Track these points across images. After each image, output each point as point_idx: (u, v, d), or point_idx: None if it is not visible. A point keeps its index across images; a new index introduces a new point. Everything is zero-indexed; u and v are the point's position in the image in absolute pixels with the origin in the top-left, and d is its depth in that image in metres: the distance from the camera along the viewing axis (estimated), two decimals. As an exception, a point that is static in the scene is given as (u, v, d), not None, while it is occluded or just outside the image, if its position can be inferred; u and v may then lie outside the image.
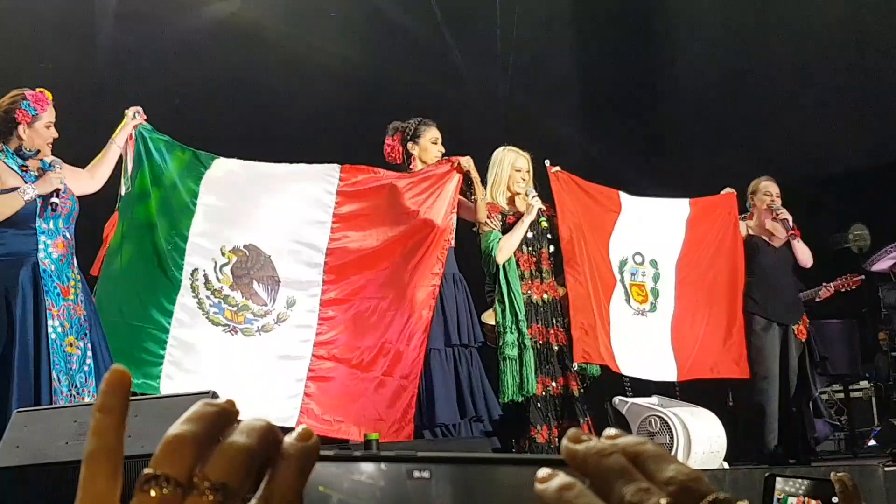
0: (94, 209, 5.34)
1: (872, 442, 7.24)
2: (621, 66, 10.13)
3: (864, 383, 9.06)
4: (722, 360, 6.53)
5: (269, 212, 5.55)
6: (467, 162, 5.75)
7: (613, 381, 6.28)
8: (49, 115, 4.92)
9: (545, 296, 5.98)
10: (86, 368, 4.82)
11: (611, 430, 0.59)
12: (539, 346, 5.88)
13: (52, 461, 3.45)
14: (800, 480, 1.98)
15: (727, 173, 7.43)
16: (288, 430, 0.58)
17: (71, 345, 4.77)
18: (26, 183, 4.78)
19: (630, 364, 6.25)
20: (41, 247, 4.77)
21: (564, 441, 0.58)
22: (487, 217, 5.92)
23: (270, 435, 0.56)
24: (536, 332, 5.88)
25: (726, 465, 5.91)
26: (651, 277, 6.50)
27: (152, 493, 0.53)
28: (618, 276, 6.37)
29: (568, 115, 10.32)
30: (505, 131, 8.08)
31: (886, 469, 5.46)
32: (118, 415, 0.56)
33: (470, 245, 6.04)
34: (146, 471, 0.53)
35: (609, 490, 0.55)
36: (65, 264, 4.84)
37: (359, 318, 5.54)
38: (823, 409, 7.14)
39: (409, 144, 5.87)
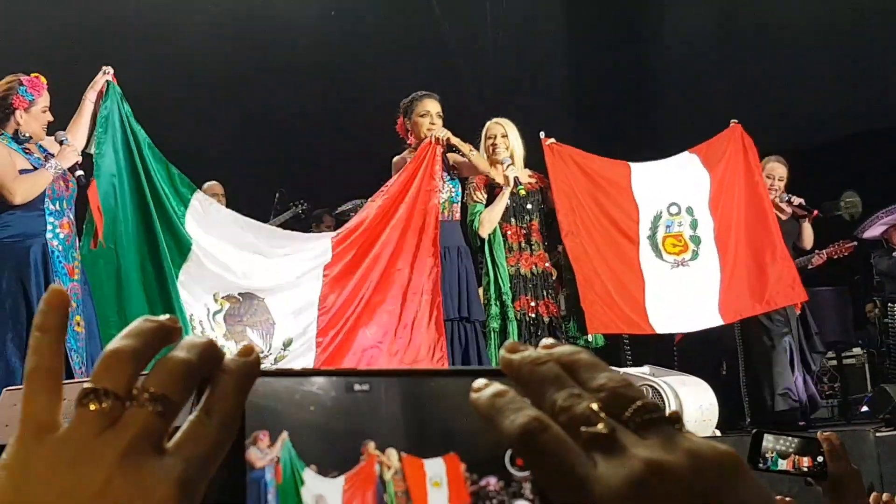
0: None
1: (865, 408, 7.27)
2: (610, 38, 10.10)
3: (856, 350, 9.08)
4: (775, 290, 6.43)
5: (264, 264, 5.54)
6: (440, 131, 5.74)
7: (611, 352, 6.31)
8: (45, 99, 4.98)
9: (534, 268, 5.99)
10: (87, 348, 4.87)
11: (547, 340, 0.60)
12: (529, 319, 5.88)
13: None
14: (789, 439, 1.99)
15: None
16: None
17: (78, 324, 4.83)
18: (35, 166, 4.86)
19: (666, 320, 6.24)
20: (49, 228, 4.85)
21: (501, 351, 0.59)
22: (475, 190, 5.92)
23: (210, 350, 0.57)
24: (525, 304, 5.88)
25: (718, 433, 5.95)
26: (689, 225, 6.45)
27: (91, 407, 0.53)
28: (647, 233, 6.34)
29: (557, 86, 10.31)
30: (493, 105, 8.07)
31: (878, 434, 5.50)
32: (56, 333, 0.56)
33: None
34: (85, 385, 0.54)
35: (542, 397, 0.55)
36: (70, 245, 4.92)
37: (358, 340, 5.57)
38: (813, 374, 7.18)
39: (406, 120, 5.90)
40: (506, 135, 6.03)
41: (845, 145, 9.62)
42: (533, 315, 5.89)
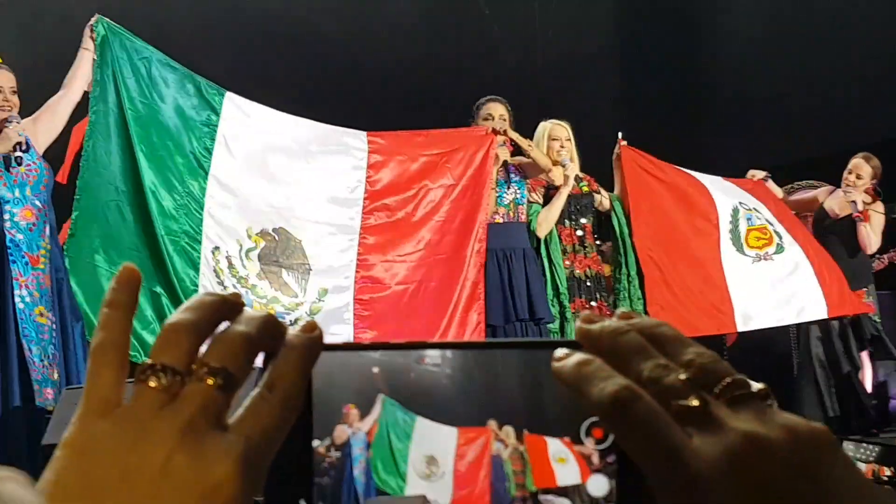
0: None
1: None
2: (660, 40, 10.05)
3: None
4: (849, 298, 6.43)
5: (298, 188, 5.32)
6: (498, 124, 5.74)
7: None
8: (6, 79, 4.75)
9: (588, 270, 5.98)
10: (54, 342, 4.66)
11: (622, 310, 0.59)
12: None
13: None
14: (869, 447, 1.96)
15: (767, 147, 7.36)
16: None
17: (42, 314, 4.62)
18: None
19: (751, 317, 6.16)
20: (6, 216, 4.59)
21: (578, 322, 0.58)
22: (531, 191, 5.92)
23: (271, 324, 0.57)
24: (580, 306, 5.87)
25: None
26: (767, 220, 6.41)
27: (151, 384, 0.53)
28: (726, 228, 6.28)
29: (606, 86, 10.28)
30: (541, 104, 8.05)
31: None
32: (126, 310, 0.57)
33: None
34: (146, 361, 0.54)
35: (626, 367, 0.55)
36: (34, 233, 4.65)
37: (399, 303, 5.45)
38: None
39: (472, 123, 5.90)
40: (570, 138, 6.07)
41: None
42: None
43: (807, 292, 6.26)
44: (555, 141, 6.06)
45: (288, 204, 5.29)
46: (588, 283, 5.94)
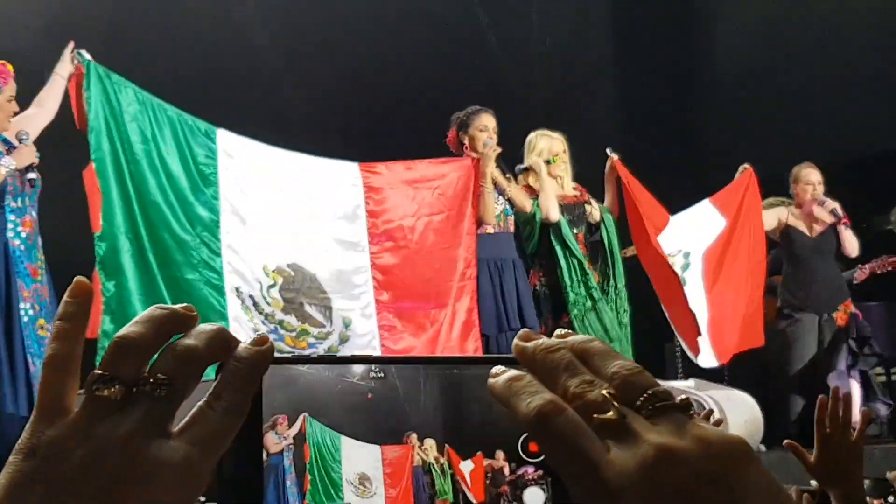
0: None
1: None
2: (657, 49, 10.04)
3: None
4: (746, 333, 6.59)
5: (301, 223, 5.37)
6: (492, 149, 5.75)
7: (660, 365, 6.32)
8: (10, 88, 4.73)
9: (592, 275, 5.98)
10: None
11: (560, 330, 0.61)
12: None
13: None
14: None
15: (765, 156, 7.36)
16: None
17: (42, 327, 4.60)
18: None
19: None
20: (10, 226, 4.58)
21: (515, 340, 0.60)
22: (524, 199, 5.92)
23: (220, 338, 0.59)
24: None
25: (763, 448, 5.92)
26: (680, 267, 6.51)
27: (99, 393, 0.56)
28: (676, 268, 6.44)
29: (603, 98, 10.27)
30: (541, 115, 8.06)
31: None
32: (78, 323, 0.58)
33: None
34: (95, 372, 0.56)
35: (555, 383, 0.56)
36: (32, 244, 4.66)
37: (420, 330, 5.52)
38: (877, 388, 7.09)
39: (461, 133, 5.86)
40: (566, 151, 6.12)
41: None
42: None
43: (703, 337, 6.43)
44: (556, 157, 6.07)
45: (295, 239, 5.33)
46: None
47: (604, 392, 0.55)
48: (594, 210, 6.11)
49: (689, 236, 6.60)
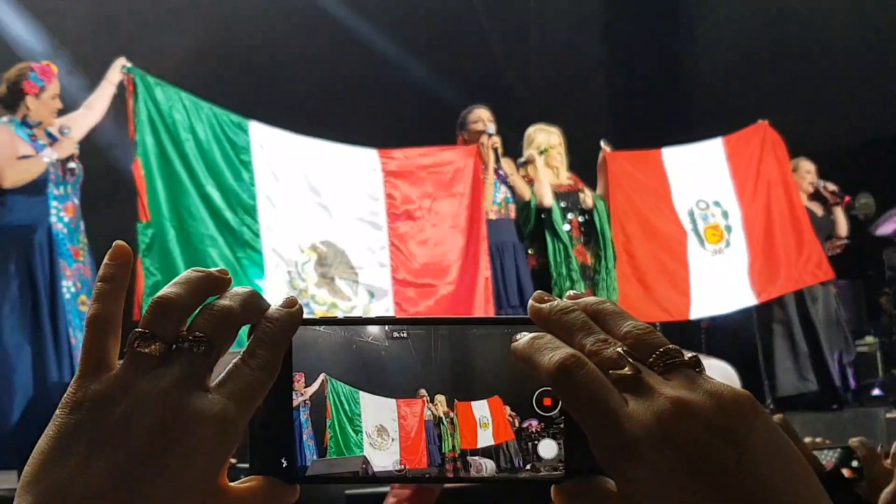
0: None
1: (877, 392, 7.16)
2: (647, 45, 10.01)
3: (869, 339, 8.97)
4: (805, 269, 6.48)
5: (331, 205, 5.40)
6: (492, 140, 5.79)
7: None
8: (55, 87, 4.79)
9: (574, 260, 5.97)
10: None
11: (572, 291, 0.60)
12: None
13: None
14: (827, 452, 1.96)
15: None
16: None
17: (83, 303, 4.64)
18: (39, 151, 4.65)
19: (704, 305, 6.25)
20: (53, 212, 4.65)
21: (531, 302, 0.59)
22: (523, 187, 5.94)
23: (253, 300, 0.58)
24: (567, 292, 5.87)
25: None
26: (721, 215, 6.43)
27: (140, 350, 0.55)
28: (689, 227, 6.32)
29: (597, 92, 10.25)
30: (538, 109, 8.04)
31: (888, 416, 5.45)
32: (118, 284, 0.58)
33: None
34: (136, 330, 0.55)
35: (571, 342, 0.56)
36: (75, 227, 4.73)
37: (430, 303, 5.54)
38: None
39: (461, 133, 5.94)
40: (562, 143, 6.10)
41: (862, 150, 9.46)
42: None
43: (741, 282, 6.35)
44: (553, 147, 6.06)
45: (325, 219, 5.37)
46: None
47: (619, 349, 0.55)
48: (587, 197, 6.11)
49: (705, 182, 6.49)
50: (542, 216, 5.88)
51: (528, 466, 0.60)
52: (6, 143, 4.62)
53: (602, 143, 6.19)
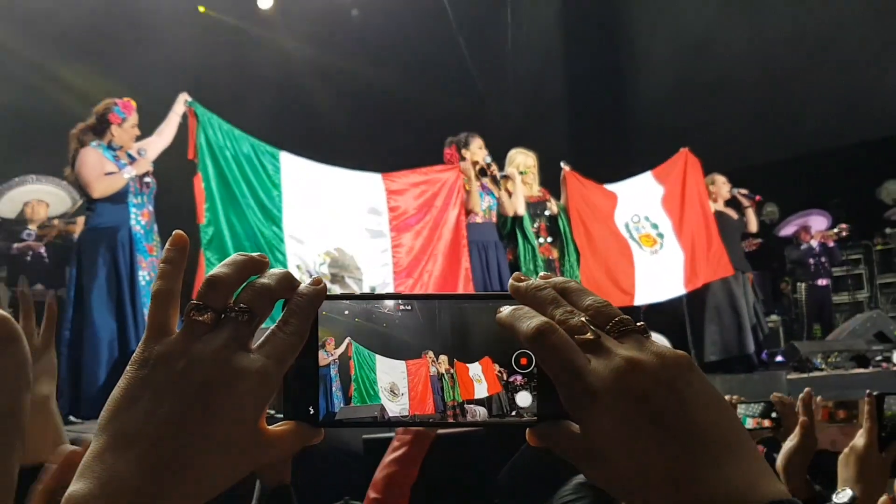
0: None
1: (780, 358, 7.18)
2: (598, 82, 10.02)
3: (773, 317, 9.02)
4: (715, 266, 6.55)
5: (342, 222, 5.38)
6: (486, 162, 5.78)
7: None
8: (134, 118, 4.82)
9: (542, 255, 5.97)
10: None
11: (544, 273, 0.60)
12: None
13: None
14: (753, 405, 1.95)
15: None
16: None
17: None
18: (121, 168, 4.70)
19: (645, 294, 6.30)
20: (132, 217, 4.70)
21: (510, 280, 0.59)
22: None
23: (287, 278, 0.57)
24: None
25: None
26: (651, 226, 6.48)
27: (196, 317, 0.54)
28: (627, 235, 6.37)
29: (561, 125, 10.25)
30: (515, 138, 8.05)
31: (788, 377, 5.47)
32: (178, 265, 0.57)
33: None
34: (192, 301, 0.55)
35: (544, 313, 0.55)
36: (150, 229, 4.78)
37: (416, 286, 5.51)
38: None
39: (463, 150, 5.88)
40: (534, 164, 6.08)
41: (770, 166, 9.50)
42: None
43: (675, 276, 6.42)
44: (530, 167, 6.05)
45: (338, 230, 5.36)
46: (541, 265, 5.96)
47: (582, 318, 0.54)
48: (553, 206, 6.12)
49: (639, 203, 6.51)
50: (515, 223, 5.88)
51: (513, 413, 0.59)
52: (95, 163, 4.66)
53: (562, 164, 6.19)
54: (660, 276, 6.36)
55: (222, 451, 0.52)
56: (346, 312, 0.60)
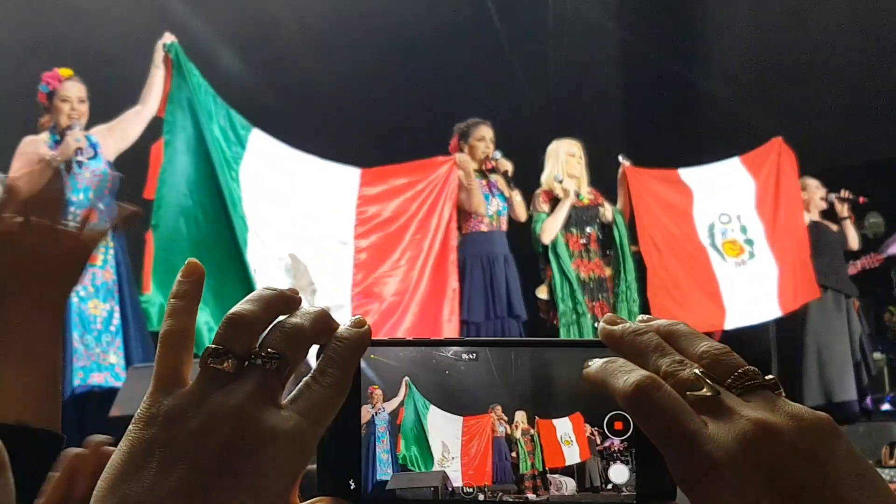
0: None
1: (887, 406, 7.09)
2: (661, 64, 9.98)
3: (877, 355, 8.91)
4: (802, 287, 6.39)
5: (302, 218, 5.34)
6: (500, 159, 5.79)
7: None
8: (65, 90, 4.69)
9: (591, 273, 5.96)
10: (112, 329, 4.61)
11: (643, 315, 0.58)
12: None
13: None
14: None
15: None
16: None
17: (95, 307, 4.57)
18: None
19: (738, 315, 6.13)
20: (70, 218, 4.60)
21: (601, 324, 0.58)
22: (541, 202, 5.93)
23: (323, 319, 0.57)
24: (589, 305, 5.86)
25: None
26: (740, 230, 6.35)
27: (216, 366, 0.53)
28: (706, 242, 6.25)
29: (611, 115, 10.23)
30: (556, 125, 8.03)
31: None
32: (191, 300, 0.56)
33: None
34: (210, 346, 0.54)
35: (645, 364, 0.54)
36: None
37: (390, 314, 5.45)
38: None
39: (461, 143, 5.91)
40: (581, 156, 6.08)
41: (875, 167, 9.40)
42: (591, 314, 5.85)
43: (768, 293, 6.26)
44: (571, 157, 6.05)
45: (295, 233, 5.31)
46: (591, 285, 5.92)
47: (696, 371, 0.53)
48: (607, 212, 6.09)
49: (727, 199, 6.40)
50: (548, 249, 5.87)
51: (608, 487, 0.58)
52: (23, 154, 4.60)
53: (621, 158, 6.16)
54: (748, 294, 6.20)
55: None
56: (401, 355, 0.59)
